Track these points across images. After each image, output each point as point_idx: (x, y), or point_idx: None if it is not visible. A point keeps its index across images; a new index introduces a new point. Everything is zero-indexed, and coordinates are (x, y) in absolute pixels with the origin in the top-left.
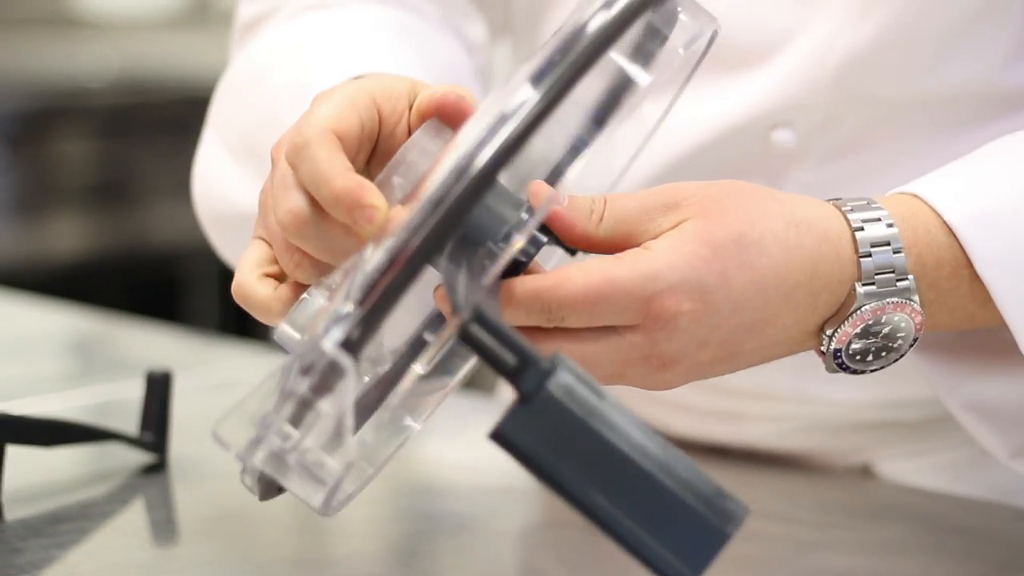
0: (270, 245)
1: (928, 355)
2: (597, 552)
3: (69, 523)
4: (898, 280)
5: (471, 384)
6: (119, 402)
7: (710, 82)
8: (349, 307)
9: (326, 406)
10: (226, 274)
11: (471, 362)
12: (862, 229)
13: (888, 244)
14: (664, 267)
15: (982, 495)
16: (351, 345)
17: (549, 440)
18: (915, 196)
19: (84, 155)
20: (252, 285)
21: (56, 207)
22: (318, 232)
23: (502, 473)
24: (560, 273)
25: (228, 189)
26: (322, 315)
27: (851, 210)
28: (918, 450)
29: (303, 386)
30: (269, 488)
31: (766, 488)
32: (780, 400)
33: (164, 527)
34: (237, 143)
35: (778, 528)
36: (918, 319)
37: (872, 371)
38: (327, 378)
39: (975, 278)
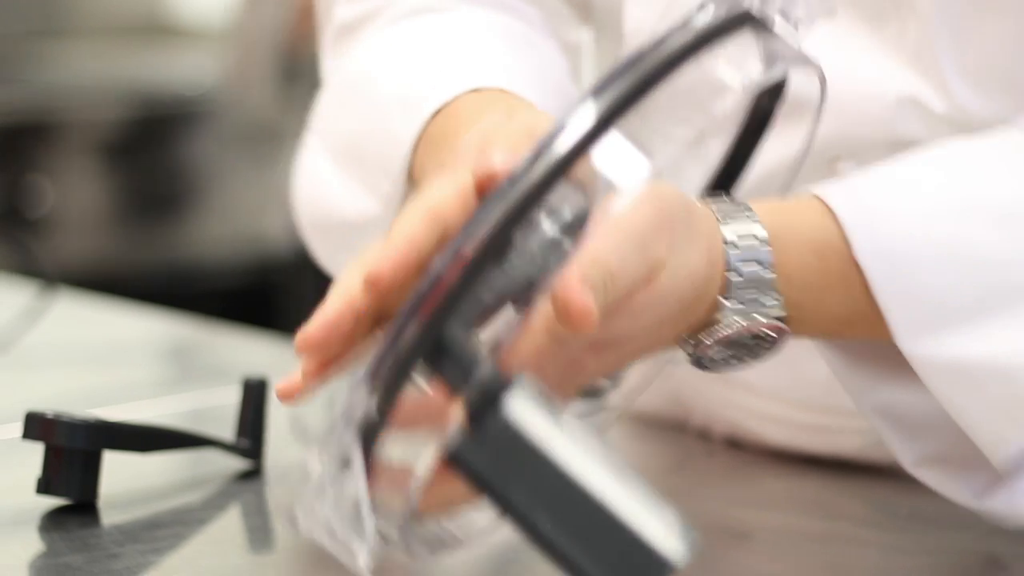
0: None
1: (842, 356)
2: (698, 562)
3: (165, 529)
4: (763, 298)
5: None
6: (215, 408)
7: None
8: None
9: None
10: (322, 281)
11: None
12: (735, 246)
13: (758, 261)
14: None
15: None
16: (370, 430)
17: (498, 463)
18: (815, 196)
19: (181, 162)
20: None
21: (154, 213)
22: None
23: None
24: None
25: (332, 197)
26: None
27: (725, 221)
28: None
29: (330, 467)
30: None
31: (858, 495)
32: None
33: (260, 533)
34: (342, 151)
35: (870, 534)
36: (781, 335)
37: (727, 371)
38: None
39: (844, 298)
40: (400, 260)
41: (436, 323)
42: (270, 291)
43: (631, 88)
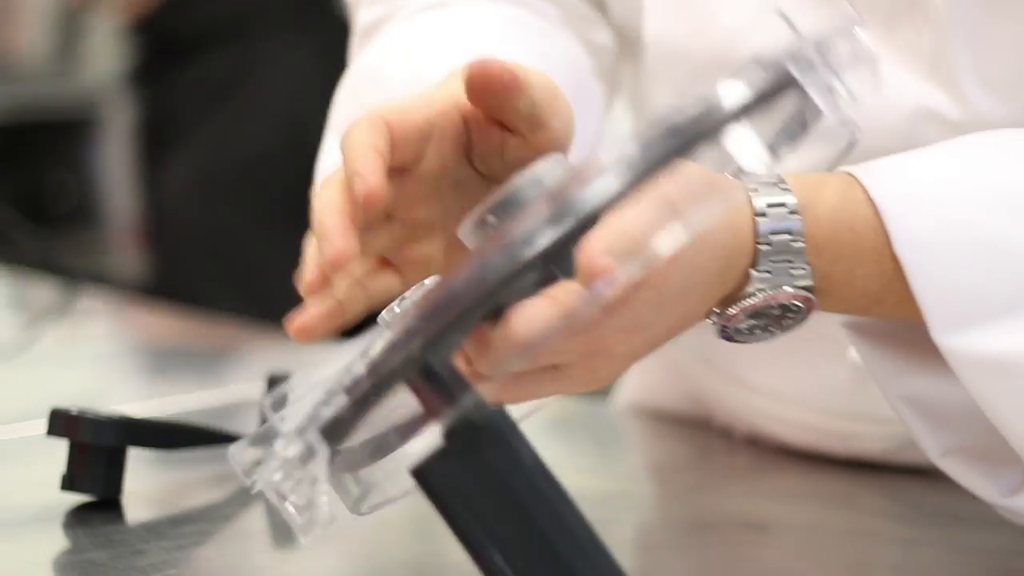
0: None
1: (870, 343)
2: (719, 556)
3: (190, 525)
4: (793, 269)
5: None
6: (239, 405)
7: None
8: (341, 394)
9: (310, 470)
10: None
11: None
12: (764, 215)
13: (788, 232)
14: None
15: None
16: (333, 429)
17: (464, 490)
18: (849, 174)
19: None
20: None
21: None
22: None
23: (618, 478)
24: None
25: None
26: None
27: (757, 191)
28: None
29: (292, 451)
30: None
31: (880, 491)
32: (887, 423)
33: (285, 530)
34: None
35: (892, 529)
36: (809, 306)
37: (756, 342)
38: (311, 451)
39: (875, 274)
40: (381, 173)
41: (425, 351)
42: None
43: (664, 156)
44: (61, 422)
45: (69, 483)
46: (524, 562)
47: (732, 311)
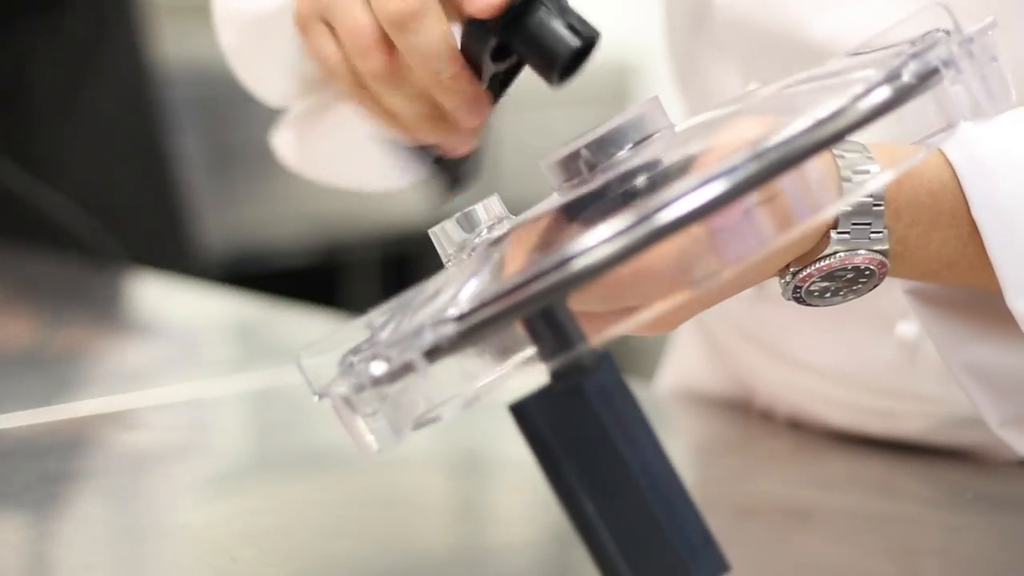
0: None
1: (934, 310)
2: (760, 543)
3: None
4: (872, 232)
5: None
6: (282, 388)
7: None
8: (452, 315)
9: (394, 390)
10: (387, 259)
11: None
12: (849, 180)
13: (870, 196)
14: None
15: None
16: (438, 352)
17: (565, 433)
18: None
19: (247, 142)
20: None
21: (221, 194)
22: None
23: None
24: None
25: None
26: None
27: (843, 157)
28: None
29: (380, 369)
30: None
31: (922, 476)
32: (931, 401)
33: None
34: None
35: (934, 515)
36: (883, 270)
37: (826, 306)
38: (403, 370)
39: (951, 238)
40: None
41: (550, 295)
42: (337, 271)
43: (797, 153)
44: None
45: None
46: (612, 510)
47: (807, 271)
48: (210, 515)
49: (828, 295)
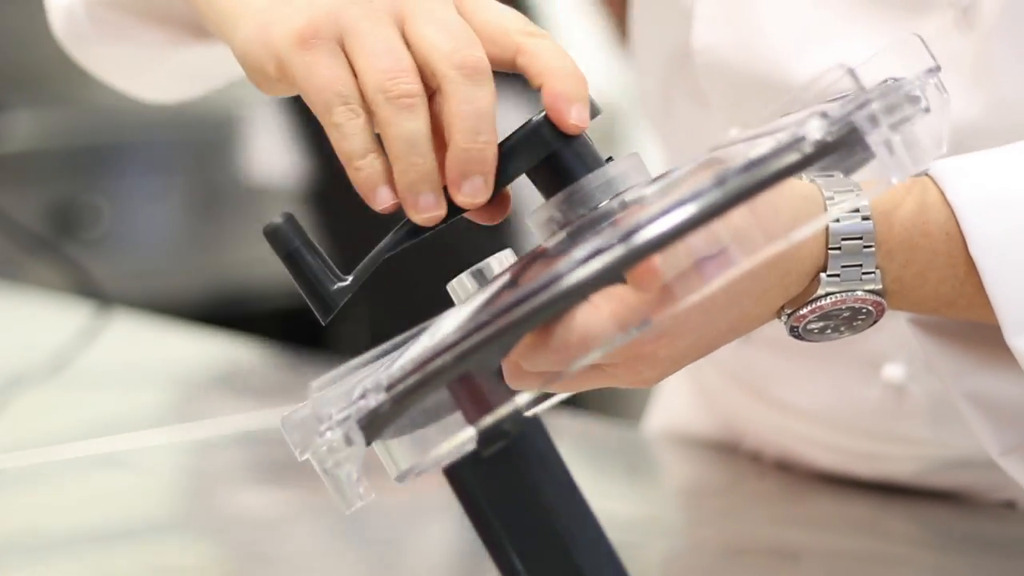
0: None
1: (936, 339)
2: None
3: None
4: (864, 274)
5: (616, 414)
6: (267, 430)
7: None
8: (382, 389)
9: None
10: (374, 302)
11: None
12: (837, 221)
13: (860, 239)
14: None
15: None
16: (375, 420)
17: (493, 494)
18: (924, 175)
19: (234, 183)
20: None
21: (208, 235)
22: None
23: (647, 503)
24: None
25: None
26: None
27: (832, 199)
28: None
29: (333, 436)
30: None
31: (910, 516)
32: (918, 443)
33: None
34: None
35: (923, 555)
36: (879, 309)
37: (827, 341)
38: (347, 440)
39: (948, 277)
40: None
41: (467, 357)
42: None
43: (727, 199)
44: None
45: None
46: (538, 566)
47: (801, 312)
48: (198, 557)
49: (829, 331)
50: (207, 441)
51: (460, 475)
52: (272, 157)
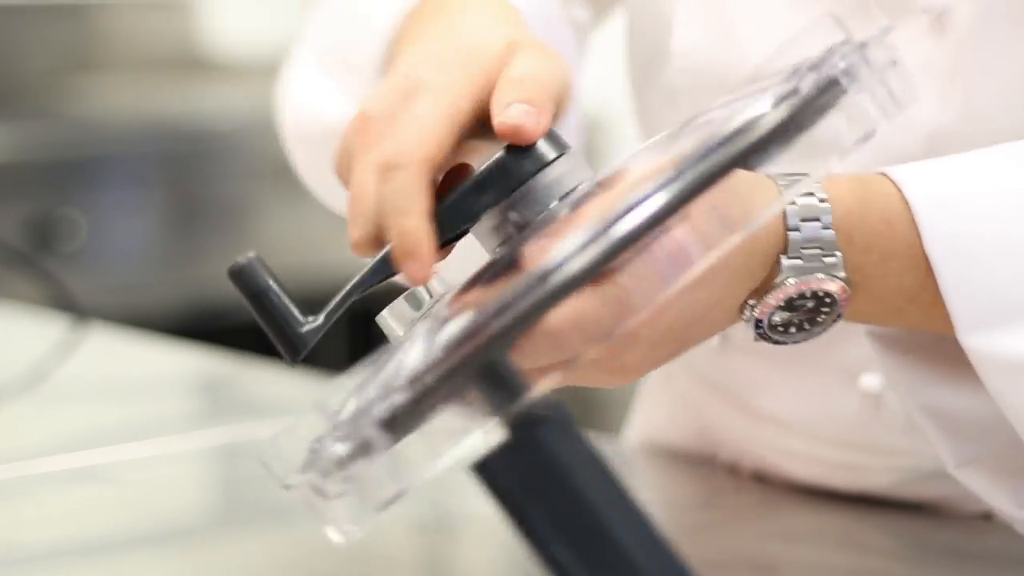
0: None
1: (893, 353)
2: None
3: None
4: (824, 256)
5: (595, 426)
6: (247, 444)
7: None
8: (402, 387)
9: (359, 469)
10: (354, 315)
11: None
12: (793, 203)
13: (818, 219)
14: None
15: None
16: (393, 425)
17: (528, 485)
18: (883, 174)
19: (214, 197)
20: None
21: (186, 248)
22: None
23: None
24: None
25: (316, 103)
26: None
27: (787, 185)
28: None
29: (342, 448)
30: None
31: (888, 530)
32: (895, 454)
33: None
34: (325, 52)
35: (900, 569)
36: (844, 296)
37: (794, 343)
38: (364, 448)
39: (909, 268)
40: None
41: (488, 351)
42: None
43: (726, 162)
44: None
45: None
46: (588, 554)
47: (766, 300)
48: (172, 572)
49: (793, 329)
50: (185, 455)
51: (490, 470)
52: None
